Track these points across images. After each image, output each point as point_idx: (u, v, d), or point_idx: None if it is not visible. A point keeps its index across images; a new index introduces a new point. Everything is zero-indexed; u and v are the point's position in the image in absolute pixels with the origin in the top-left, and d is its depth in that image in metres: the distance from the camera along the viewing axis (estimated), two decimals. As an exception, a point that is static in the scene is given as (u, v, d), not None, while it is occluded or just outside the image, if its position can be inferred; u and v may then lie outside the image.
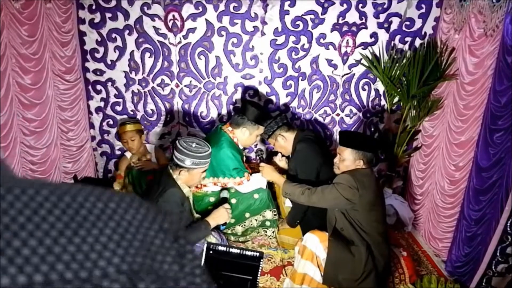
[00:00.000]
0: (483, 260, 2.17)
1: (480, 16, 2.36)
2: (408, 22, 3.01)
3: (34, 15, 2.41)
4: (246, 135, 2.71)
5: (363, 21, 2.99)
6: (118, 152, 3.31)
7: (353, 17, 2.97)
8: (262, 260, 2.03)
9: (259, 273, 2.04)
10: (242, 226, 2.75)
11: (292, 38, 3.02)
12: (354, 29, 3.01)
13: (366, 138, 2.81)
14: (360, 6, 2.94)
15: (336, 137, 3.32)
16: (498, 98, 2.14)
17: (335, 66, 3.13)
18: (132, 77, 3.08)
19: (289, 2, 2.92)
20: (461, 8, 2.59)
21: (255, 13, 2.94)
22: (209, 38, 2.99)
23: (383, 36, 3.05)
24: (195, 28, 2.95)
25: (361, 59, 3.10)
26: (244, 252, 2.03)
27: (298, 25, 2.99)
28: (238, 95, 3.20)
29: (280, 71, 3.13)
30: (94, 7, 2.86)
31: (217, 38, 2.99)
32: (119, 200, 0.37)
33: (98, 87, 3.12)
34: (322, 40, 3.04)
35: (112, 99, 3.16)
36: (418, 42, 3.04)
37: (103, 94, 3.14)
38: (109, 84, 3.10)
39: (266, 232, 2.81)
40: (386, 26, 3.02)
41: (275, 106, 3.24)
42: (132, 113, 3.20)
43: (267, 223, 2.77)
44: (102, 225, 0.34)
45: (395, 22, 3.01)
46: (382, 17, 2.99)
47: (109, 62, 3.03)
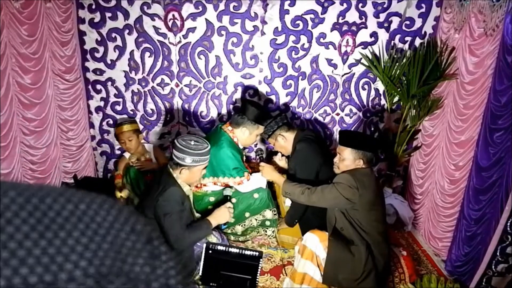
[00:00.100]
0: (483, 259, 2.17)
1: (480, 15, 2.36)
2: (408, 22, 3.01)
3: (34, 15, 2.41)
4: (246, 135, 2.71)
5: (363, 20, 2.99)
6: (118, 151, 3.31)
7: (353, 16, 2.97)
8: (261, 259, 2.03)
9: (259, 272, 2.05)
10: (242, 226, 2.75)
11: (292, 38, 3.02)
12: (354, 28, 3.01)
13: (366, 137, 2.81)
14: (360, 5, 2.94)
15: (336, 136, 3.32)
16: (498, 97, 2.13)
17: (335, 66, 3.13)
18: (132, 76, 3.08)
19: (289, 2, 2.92)
20: (461, 7, 2.59)
21: (255, 12, 2.94)
22: (209, 38, 2.99)
23: (383, 35, 3.05)
24: (195, 27, 2.95)
25: (361, 59, 3.10)
26: (243, 251, 2.04)
27: (298, 24, 2.99)
28: (238, 95, 3.20)
29: (280, 71, 3.13)
30: (94, 7, 2.86)
31: (217, 37, 2.99)
32: (90, 201, 0.37)
33: (98, 87, 3.12)
34: (322, 39, 3.04)
35: (112, 99, 3.16)
36: (418, 41, 3.04)
37: (103, 94, 3.14)
38: (109, 83, 3.10)
39: (266, 231, 2.81)
40: (386, 25, 3.02)
41: (275, 106, 3.24)
42: (132, 112, 3.20)
43: (267, 223, 2.77)
44: (70, 227, 0.34)
45: (395, 21, 3.01)
46: (382, 16, 2.99)
47: (109, 62, 3.03)
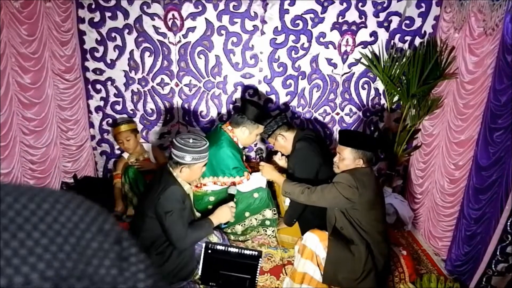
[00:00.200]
0: (483, 259, 2.17)
1: (480, 15, 2.36)
2: (407, 21, 3.01)
3: (34, 14, 2.40)
4: (246, 134, 2.71)
5: (363, 20, 2.99)
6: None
7: (352, 16, 2.97)
8: (260, 259, 2.03)
9: (258, 272, 2.05)
10: (242, 225, 2.75)
11: (291, 37, 3.02)
12: (354, 28, 3.01)
13: (366, 137, 2.81)
14: (360, 5, 2.94)
15: (336, 136, 3.32)
16: (498, 97, 2.13)
17: (335, 65, 3.13)
18: (131, 76, 3.08)
19: (288, 1, 2.91)
20: (461, 7, 2.59)
21: (255, 12, 2.94)
22: (208, 37, 2.99)
23: (383, 35, 3.04)
24: (195, 27, 2.95)
25: (361, 58, 3.10)
26: (242, 251, 2.04)
27: (298, 24, 2.99)
28: (238, 94, 3.20)
29: (280, 70, 3.13)
30: (93, 6, 2.86)
31: (216, 37, 2.99)
32: (54, 201, 0.35)
33: (98, 86, 3.12)
34: (321, 39, 3.04)
35: (111, 98, 3.16)
36: (418, 41, 3.04)
37: (103, 93, 3.14)
38: (108, 83, 3.10)
39: (266, 231, 2.81)
40: (386, 25, 3.01)
41: (275, 105, 3.24)
42: (131, 112, 3.20)
43: (267, 222, 2.77)
44: (30, 228, 0.32)
45: (395, 21, 3.01)
46: (382, 16, 2.99)
47: (108, 61, 3.03)
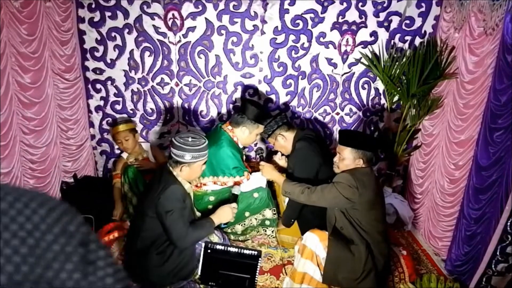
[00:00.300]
0: (483, 259, 2.16)
1: (480, 14, 2.36)
2: (408, 21, 3.01)
3: (34, 14, 2.40)
4: (246, 134, 2.71)
5: (363, 20, 2.99)
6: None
7: (353, 16, 2.97)
8: (260, 258, 2.03)
9: (257, 271, 2.05)
10: (241, 225, 2.75)
11: (292, 37, 3.02)
12: (354, 28, 3.01)
13: (366, 137, 2.80)
14: (360, 4, 2.94)
15: (336, 136, 3.32)
16: (498, 96, 2.13)
17: (335, 65, 3.13)
18: (131, 76, 3.08)
19: (289, 1, 2.91)
20: (461, 6, 2.59)
21: (255, 12, 2.94)
22: (208, 37, 2.99)
23: (383, 35, 3.04)
24: (195, 27, 2.95)
25: (361, 58, 3.10)
26: (242, 251, 2.04)
27: (298, 24, 2.99)
28: (238, 94, 3.20)
29: (280, 70, 3.13)
30: (93, 6, 2.86)
31: (216, 37, 2.99)
32: (13, 200, 0.32)
33: (98, 86, 3.12)
34: (322, 39, 3.03)
35: (111, 98, 3.16)
36: (418, 41, 3.04)
37: (103, 93, 3.14)
38: (108, 83, 3.10)
39: (266, 231, 2.81)
40: (386, 25, 3.01)
41: (275, 105, 3.24)
42: (131, 112, 3.20)
43: (267, 222, 2.77)
44: None
45: (395, 20, 3.01)
46: (382, 15, 2.98)
47: (108, 61, 3.03)
